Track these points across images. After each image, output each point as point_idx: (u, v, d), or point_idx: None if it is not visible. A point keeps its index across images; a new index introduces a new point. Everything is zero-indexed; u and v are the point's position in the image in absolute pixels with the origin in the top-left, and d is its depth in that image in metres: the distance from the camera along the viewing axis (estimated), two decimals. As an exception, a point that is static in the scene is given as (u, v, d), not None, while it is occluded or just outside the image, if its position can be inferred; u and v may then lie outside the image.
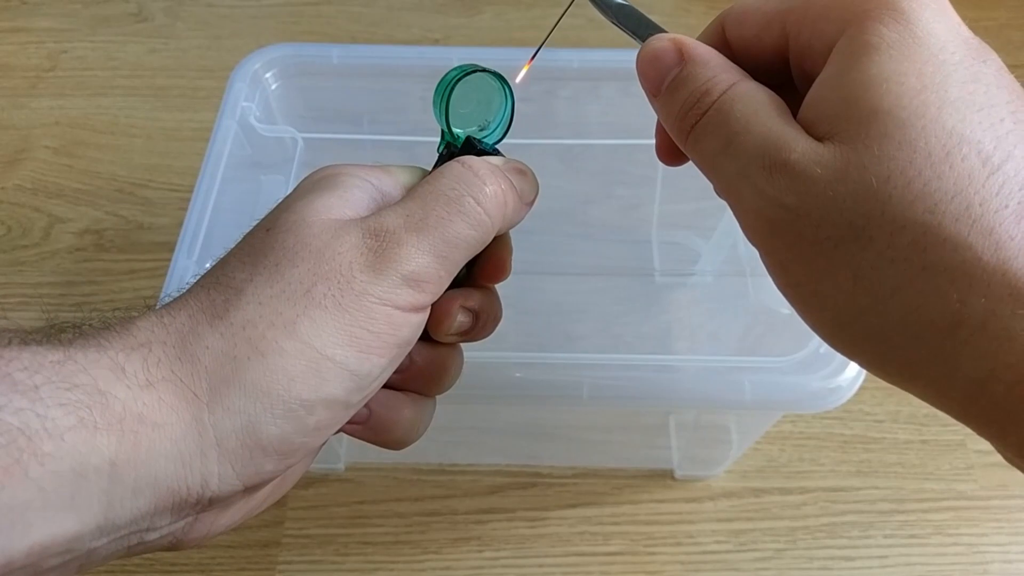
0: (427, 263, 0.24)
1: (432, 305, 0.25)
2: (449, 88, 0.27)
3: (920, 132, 0.19)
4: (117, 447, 0.20)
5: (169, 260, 0.39)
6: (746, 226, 0.22)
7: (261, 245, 0.24)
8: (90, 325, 0.23)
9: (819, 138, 0.21)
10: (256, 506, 0.26)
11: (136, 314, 0.23)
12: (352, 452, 0.51)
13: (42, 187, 0.64)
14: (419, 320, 0.25)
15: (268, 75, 0.48)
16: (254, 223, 0.26)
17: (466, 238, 0.25)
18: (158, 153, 0.66)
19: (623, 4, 0.26)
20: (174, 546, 0.23)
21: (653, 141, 0.27)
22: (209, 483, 0.22)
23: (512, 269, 0.29)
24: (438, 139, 0.29)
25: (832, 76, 0.21)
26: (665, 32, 0.24)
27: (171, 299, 0.24)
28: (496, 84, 0.28)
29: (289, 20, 0.77)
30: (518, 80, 0.30)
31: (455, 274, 0.25)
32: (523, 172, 0.28)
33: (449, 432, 0.52)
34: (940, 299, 0.19)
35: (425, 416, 0.28)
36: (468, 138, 0.28)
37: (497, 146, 0.29)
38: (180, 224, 0.41)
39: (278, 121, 0.49)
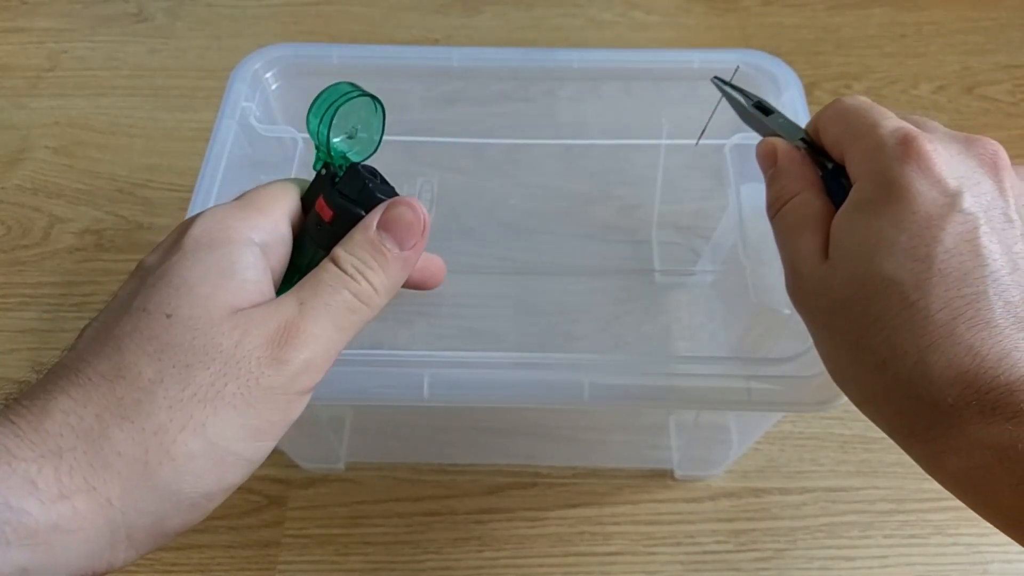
0: (321, 349, 0.26)
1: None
2: (333, 110, 0.28)
3: (865, 273, 0.27)
4: (30, 557, 0.22)
5: (169, 260, 0.39)
6: (787, 290, 0.31)
7: (166, 336, 0.25)
8: None
9: (827, 255, 0.29)
10: None
11: (40, 398, 0.24)
12: (352, 452, 0.51)
13: (42, 187, 0.64)
14: (307, 400, 0.27)
15: (268, 75, 0.48)
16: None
17: (354, 322, 0.28)
18: (158, 153, 0.66)
19: (751, 111, 0.35)
20: None
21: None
22: (114, 565, 0.24)
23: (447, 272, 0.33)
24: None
25: (839, 216, 0.29)
26: (777, 136, 0.33)
27: (66, 376, 0.24)
28: (372, 104, 0.29)
29: (289, 20, 0.77)
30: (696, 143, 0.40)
31: (343, 347, 0.28)
32: (395, 223, 0.28)
33: (449, 432, 0.52)
34: (866, 359, 0.27)
35: None
36: (352, 165, 0.29)
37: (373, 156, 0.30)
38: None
39: (278, 121, 0.49)
